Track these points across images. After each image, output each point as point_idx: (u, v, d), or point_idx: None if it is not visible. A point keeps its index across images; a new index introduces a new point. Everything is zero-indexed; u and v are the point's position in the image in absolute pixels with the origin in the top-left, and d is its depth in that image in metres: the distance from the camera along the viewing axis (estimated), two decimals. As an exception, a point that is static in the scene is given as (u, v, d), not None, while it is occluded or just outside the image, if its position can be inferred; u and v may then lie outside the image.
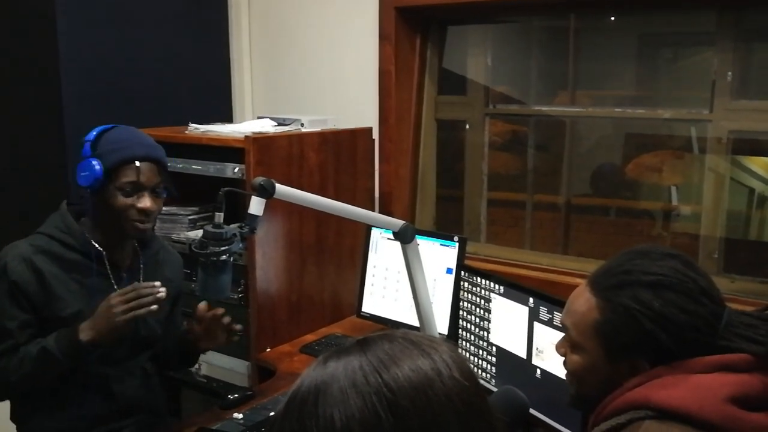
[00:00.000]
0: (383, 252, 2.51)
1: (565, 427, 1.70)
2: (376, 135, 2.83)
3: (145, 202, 1.79)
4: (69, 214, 1.84)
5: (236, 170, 2.36)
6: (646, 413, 1.09)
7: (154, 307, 1.71)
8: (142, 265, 1.93)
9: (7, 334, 1.75)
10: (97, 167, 1.74)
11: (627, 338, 1.16)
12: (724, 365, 1.10)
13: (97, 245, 1.83)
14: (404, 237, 1.90)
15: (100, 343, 1.72)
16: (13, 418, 1.90)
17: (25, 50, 2.66)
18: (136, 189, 1.78)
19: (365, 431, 0.72)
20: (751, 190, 2.52)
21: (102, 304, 1.72)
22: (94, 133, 1.80)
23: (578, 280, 2.55)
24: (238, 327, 1.97)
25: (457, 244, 2.32)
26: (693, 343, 1.13)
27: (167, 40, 2.91)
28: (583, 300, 1.24)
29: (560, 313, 1.70)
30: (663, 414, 1.07)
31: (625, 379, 1.18)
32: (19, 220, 2.16)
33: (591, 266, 2.56)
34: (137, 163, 1.77)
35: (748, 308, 1.23)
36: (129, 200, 1.78)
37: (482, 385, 0.81)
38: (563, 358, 1.33)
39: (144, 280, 1.91)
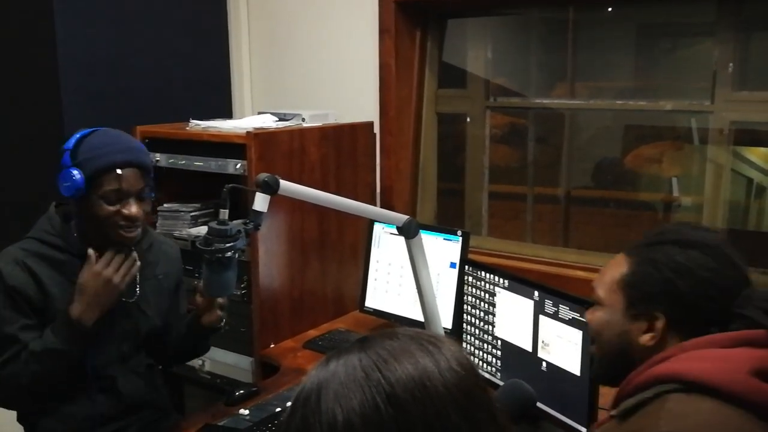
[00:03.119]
0: (386, 247, 2.51)
1: (572, 419, 1.71)
2: (376, 129, 2.83)
3: (131, 208, 1.73)
4: (57, 217, 1.81)
5: (238, 166, 2.35)
6: (673, 386, 1.11)
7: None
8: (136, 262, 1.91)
9: (13, 339, 1.73)
10: (78, 177, 1.68)
11: (648, 288, 1.21)
12: (747, 340, 1.12)
13: (88, 246, 1.79)
14: (408, 232, 1.90)
15: (96, 317, 1.73)
16: (21, 419, 1.90)
17: (23, 48, 2.64)
18: (120, 197, 1.72)
19: (366, 424, 0.74)
20: (750, 181, 2.53)
21: (90, 282, 1.71)
22: (73, 140, 1.73)
23: (580, 273, 2.57)
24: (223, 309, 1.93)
25: (460, 238, 2.32)
26: (710, 301, 1.17)
27: (166, 37, 2.90)
28: (615, 262, 1.29)
29: (565, 306, 1.72)
30: (691, 387, 1.09)
31: (639, 335, 1.22)
32: (18, 219, 2.15)
33: (594, 259, 2.58)
34: (119, 171, 1.71)
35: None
36: (113, 208, 1.72)
37: (482, 376, 0.83)
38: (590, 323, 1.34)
39: (140, 276, 1.90)
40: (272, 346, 2.46)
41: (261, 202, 1.69)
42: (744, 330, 1.13)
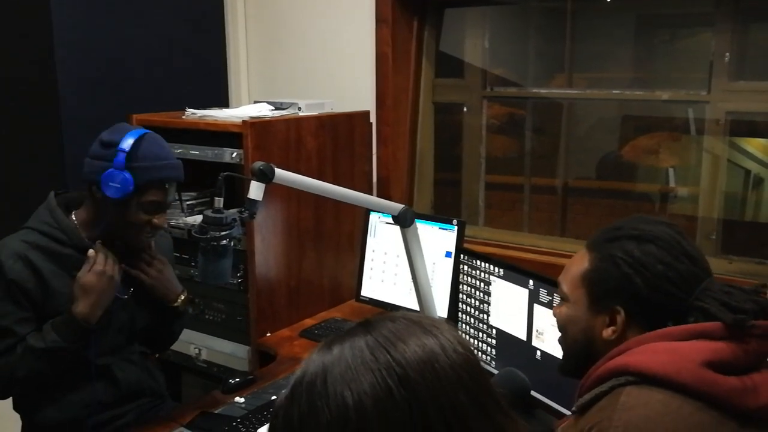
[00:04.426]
0: (382, 236, 2.52)
1: (566, 407, 1.71)
2: (373, 119, 2.82)
3: (162, 219, 1.80)
4: (58, 208, 1.80)
5: (234, 155, 2.35)
6: (626, 379, 1.13)
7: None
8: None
9: (9, 332, 1.74)
10: (130, 182, 1.70)
11: (608, 284, 1.24)
12: (701, 333, 1.14)
13: (89, 240, 1.80)
14: (404, 221, 1.91)
15: (98, 314, 1.75)
16: (17, 408, 1.91)
17: (19, 37, 2.63)
18: (159, 208, 1.78)
19: (378, 406, 0.73)
20: (747, 172, 2.54)
21: (95, 282, 1.72)
22: (128, 141, 1.71)
23: (572, 257, 2.56)
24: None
25: (456, 227, 2.32)
26: (666, 295, 1.19)
27: (162, 25, 2.88)
28: (578, 258, 1.32)
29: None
30: (643, 379, 1.12)
31: (602, 329, 1.24)
32: (13, 207, 2.16)
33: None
34: (167, 186, 1.77)
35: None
36: (147, 217, 1.77)
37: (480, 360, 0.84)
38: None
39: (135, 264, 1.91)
40: (269, 334, 2.46)
41: (256, 190, 1.70)
42: (701, 322, 1.15)
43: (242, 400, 1.98)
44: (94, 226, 1.81)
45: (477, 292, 2.07)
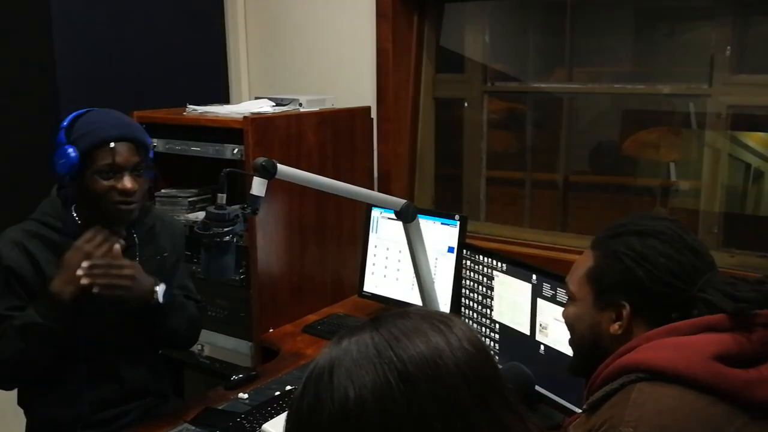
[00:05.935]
0: (383, 231, 2.52)
1: (570, 402, 1.72)
2: (374, 114, 2.82)
3: (125, 182, 1.73)
4: (59, 200, 1.82)
5: (235, 151, 2.35)
6: (637, 376, 1.14)
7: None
8: (137, 241, 1.90)
9: (3, 318, 1.74)
10: (72, 153, 1.70)
11: (611, 279, 1.25)
12: (708, 326, 1.15)
13: (86, 228, 1.79)
14: (406, 216, 1.91)
15: (75, 291, 1.70)
16: (21, 403, 1.90)
17: (19, 35, 2.63)
18: (115, 171, 1.72)
19: (377, 400, 0.75)
20: (748, 165, 2.53)
21: (70, 256, 1.71)
22: (68, 119, 1.76)
23: (578, 257, 2.56)
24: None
25: (458, 222, 2.32)
26: (669, 287, 1.20)
27: (162, 22, 2.88)
28: (583, 257, 1.34)
29: (563, 289, 1.72)
30: (654, 375, 1.12)
31: (609, 325, 1.25)
32: (14, 205, 2.15)
33: (591, 243, 2.58)
34: (112, 145, 1.71)
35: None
36: (108, 183, 1.72)
37: (493, 356, 0.83)
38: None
39: (139, 255, 1.89)
40: (271, 330, 2.46)
41: (258, 186, 1.70)
42: (705, 313, 1.16)
43: (246, 395, 1.98)
44: (85, 212, 1.81)
45: (480, 287, 2.07)
